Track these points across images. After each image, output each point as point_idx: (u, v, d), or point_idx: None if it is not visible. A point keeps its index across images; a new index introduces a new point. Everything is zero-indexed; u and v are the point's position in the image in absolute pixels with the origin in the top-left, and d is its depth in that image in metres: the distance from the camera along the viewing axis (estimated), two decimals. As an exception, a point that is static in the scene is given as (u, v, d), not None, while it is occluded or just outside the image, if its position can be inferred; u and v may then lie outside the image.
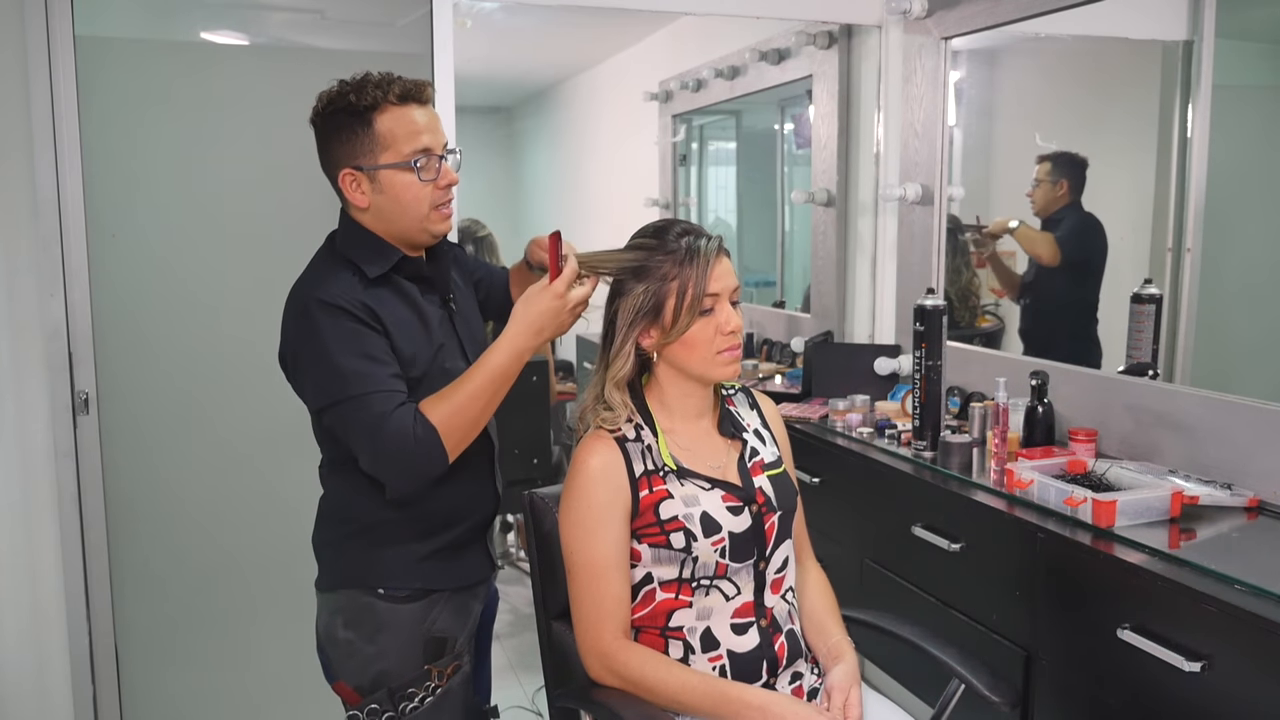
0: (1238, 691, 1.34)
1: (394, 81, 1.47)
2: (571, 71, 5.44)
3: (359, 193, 1.49)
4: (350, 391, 1.40)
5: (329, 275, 1.48)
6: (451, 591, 1.57)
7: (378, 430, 1.39)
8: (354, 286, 1.45)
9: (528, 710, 2.85)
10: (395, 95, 1.46)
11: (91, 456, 2.15)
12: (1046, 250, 2.41)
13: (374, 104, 1.46)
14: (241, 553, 2.34)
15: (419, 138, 1.48)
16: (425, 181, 1.49)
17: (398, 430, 1.38)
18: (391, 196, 1.48)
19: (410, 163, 1.47)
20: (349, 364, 1.41)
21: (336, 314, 1.42)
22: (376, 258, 1.50)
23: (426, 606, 1.54)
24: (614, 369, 1.43)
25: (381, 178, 1.48)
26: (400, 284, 1.52)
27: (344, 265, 1.49)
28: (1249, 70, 2.02)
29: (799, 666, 1.47)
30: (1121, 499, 1.64)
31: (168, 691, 2.34)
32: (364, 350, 1.42)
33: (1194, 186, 1.97)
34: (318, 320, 1.42)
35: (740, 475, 1.46)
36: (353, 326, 1.42)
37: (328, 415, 1.45)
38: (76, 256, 2.10)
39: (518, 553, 3.83)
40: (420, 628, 1.53)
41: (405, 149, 1.47)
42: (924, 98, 2.58)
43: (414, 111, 1.48)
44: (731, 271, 1.42)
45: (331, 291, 1.43)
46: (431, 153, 1.49)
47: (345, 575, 1.55)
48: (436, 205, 1.52)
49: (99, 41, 2.14)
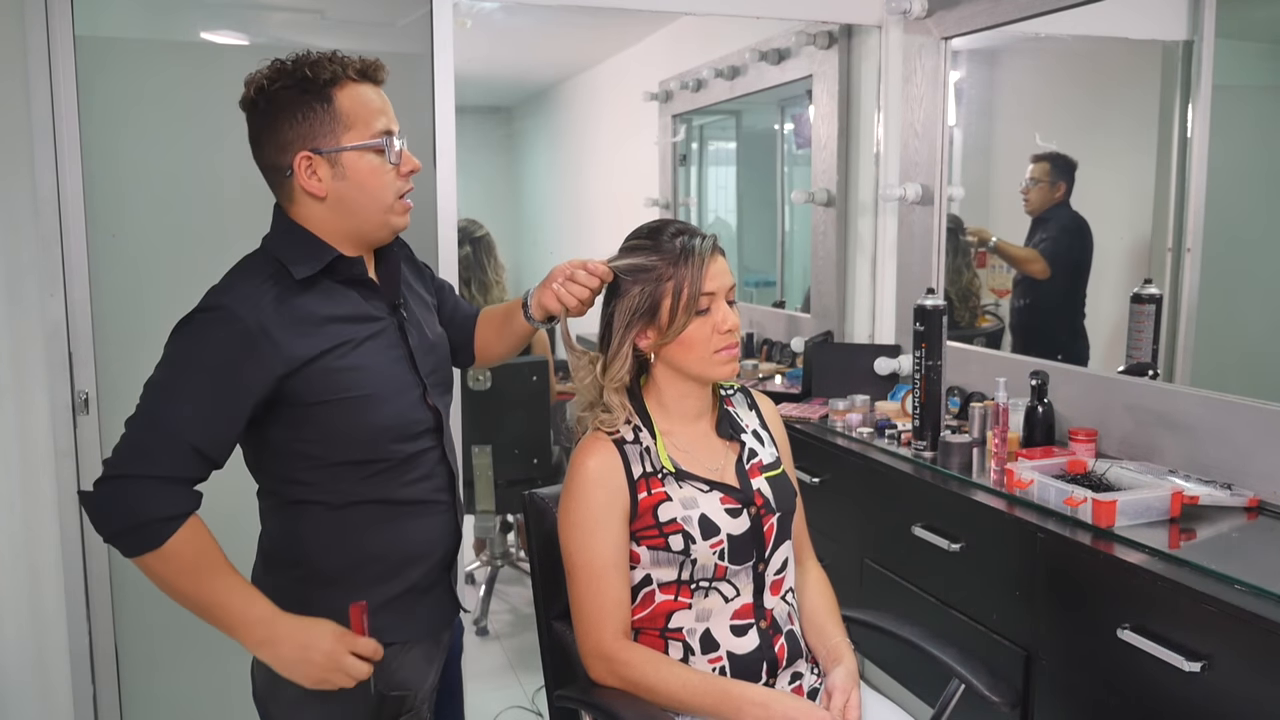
0: (1238, 691, 1.34)
1: (348, 57, 1.32)
2: (571, 71, 5.44)
3: (315, 179, 1.31)
4: (152, 410, 1.23)
5: (238, 279, 1.32)
6: (413, 641, 1.41)
7: (104, 478, 1.22)
8: (262, 293, 1.27)
9: (528, 710, 2.84)
10: (355, 71, 1.32)
11: (91, 456, 2.15)
12: (1035, 264, 2.44)
13: (333, 79, 1.29)
14: (241, 553, 2.34)
15: (381, 117, 1.32)
16: (389, 165, 1.33)
17: (108, 500, 1.23)
18: (356, 183, 1.32)
19: (379, 143, 1.31)
20: (178, 388, 1.25)
21: (217, 325, 1.25)
22: (307, 256, 1.32)
23: (384, 662, 1.34)
24: (612, 371, 1.43)
25: (345, 161, 1.30)
26: (332, 290, 1.33)
27: (264, 266, 1.32)
28: (1249, 70, 2.02)
29: (799, 667, 1.47)
30: (1121, 499, 1.64)
31: (168, 691, 2.34)
32: (211, 383, 1.24)
33: (1194, 186, 1.97)
34: (195, 320, 1.27)
35: (738, 477, 1.46)
36: (226, 351, 1.24)
37: (137, 406, 1.25)
38: (76, 256, 2.10)
39: (518, 553, 3.83)
40: (375, 687, 1.33)
41: (371, 128, 1.31)
42: (924, 98, 2.58)
43: (372, 90, 1.33)
44: (727, 270, 1.42)
45: (226, 295, 1.28)
46: (392, 135, 1.33)
47: None
48: (401, 194, 1.36)
49: (99, 41, 2.14)
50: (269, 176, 1.36)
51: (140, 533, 1.23)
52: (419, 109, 2.17)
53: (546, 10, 3.60)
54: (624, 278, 1.42)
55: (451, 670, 1.61)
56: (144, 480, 1.23)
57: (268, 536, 1.42)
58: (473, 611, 3.41)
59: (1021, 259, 2.46)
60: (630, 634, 1.42)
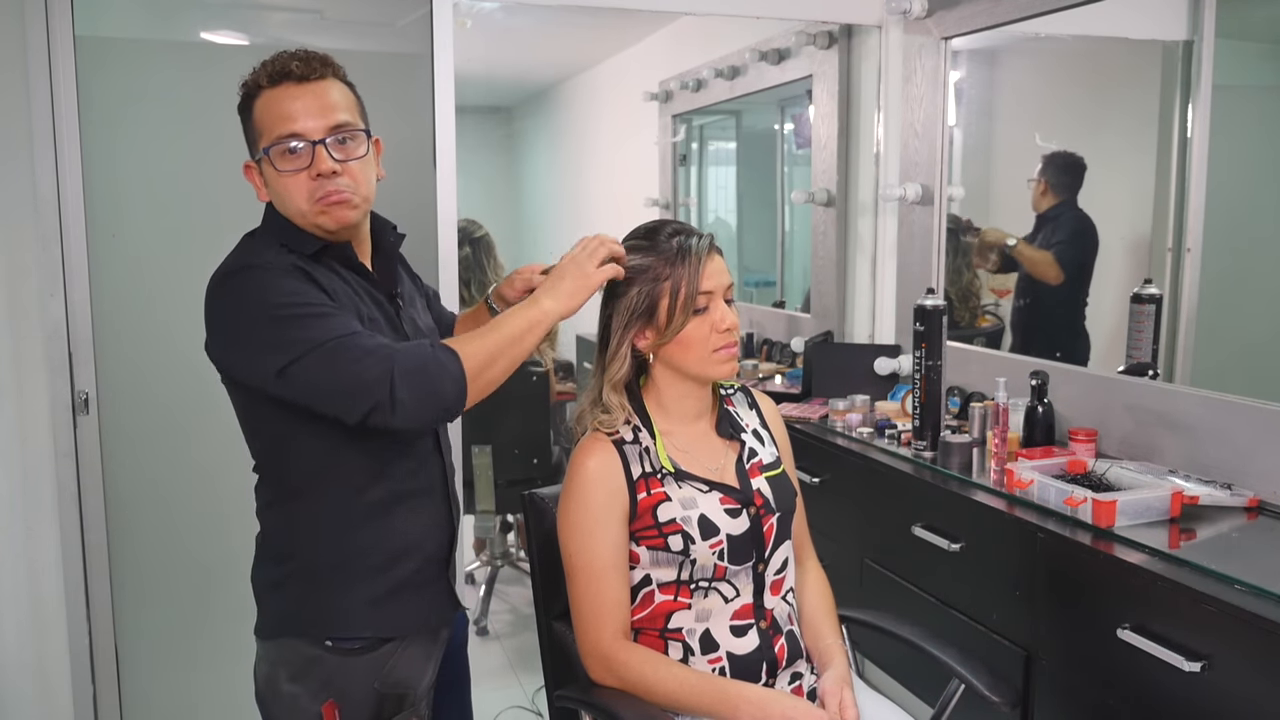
0: (1238, 691, 1.34)
1: (271, 61, 1.32)
2: (571, 71, 5.44)
3: (260, 185, 1.38)
4: (319, 337, 1.22)
5: (250, 250, 1.35)
6: (411, 637, 1.41)
7: (384, 355, 1.22)
8: (283, 255, 1.32)
9: (528, 710, 2.85)
10: (266, 77, 1.31)
11: (91, 456, 2.15)
12: (1050, 270, 2.42)
13: (251, 91, 1.33)
14: (242, 553, 2.34)
15: (283, 123, 1.30)
16: (285, 171, 1.31)
17: (413, 348, 1.24)
18: (274, 189, 1.35)
19: (264, 151, 1.32)
20: (305, 311, 1.24)
21: (265, 271, 1.27)
22: (303, 239, 1.35)
23: (381, 658, 1.37)
24: (611, 371, 1.43)
25: (264, 169, 1.34)
26: (335, 269, 1.37)
27: (271, 240, 1.35)
28: (1249, 70, 2.02)
29: (799, 667, 1.47)
30: (1121, 499, 1.64)
31: (168, 691, 2.34)
32: (316, 300, 1.26)
33: (1194, 186, 1.97)
34: (246, 287, 1.27)
35: (738, 477, 1.46)
36: (293, 282, 1.27)
37: (297, 371, 1.23)
38: (76, 256, 2.10)
39: (518, 553, 3.83)
40: (374, 683, 1.36)
41: (270, 136, 1.31)
42: (924, 98, 2.58)
43: (284, 92, 1.31)
44: (724, 269, 1.42)
45: (257, 259, 1.30)
46: (301, 137, 1.30)
47: (289, 622, 1.38)
48: (318, 197, 1.32)
49: (99, 41, 2.14)
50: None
51: (454, 380, 1.25)
52: (419, 109, 2.16)
53: (546, 10, 3.60)
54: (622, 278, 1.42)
55: (457, 662, 1.62)
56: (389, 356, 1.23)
57: (263, 536, 1.44)
58: (473, 610, 3.41)
59: (1038, 263, 2.44)
60: (630, 634, 1.42)
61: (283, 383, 1.24)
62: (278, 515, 1.40)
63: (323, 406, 1.25)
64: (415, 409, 1.23)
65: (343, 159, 1.33)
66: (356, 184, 1.35)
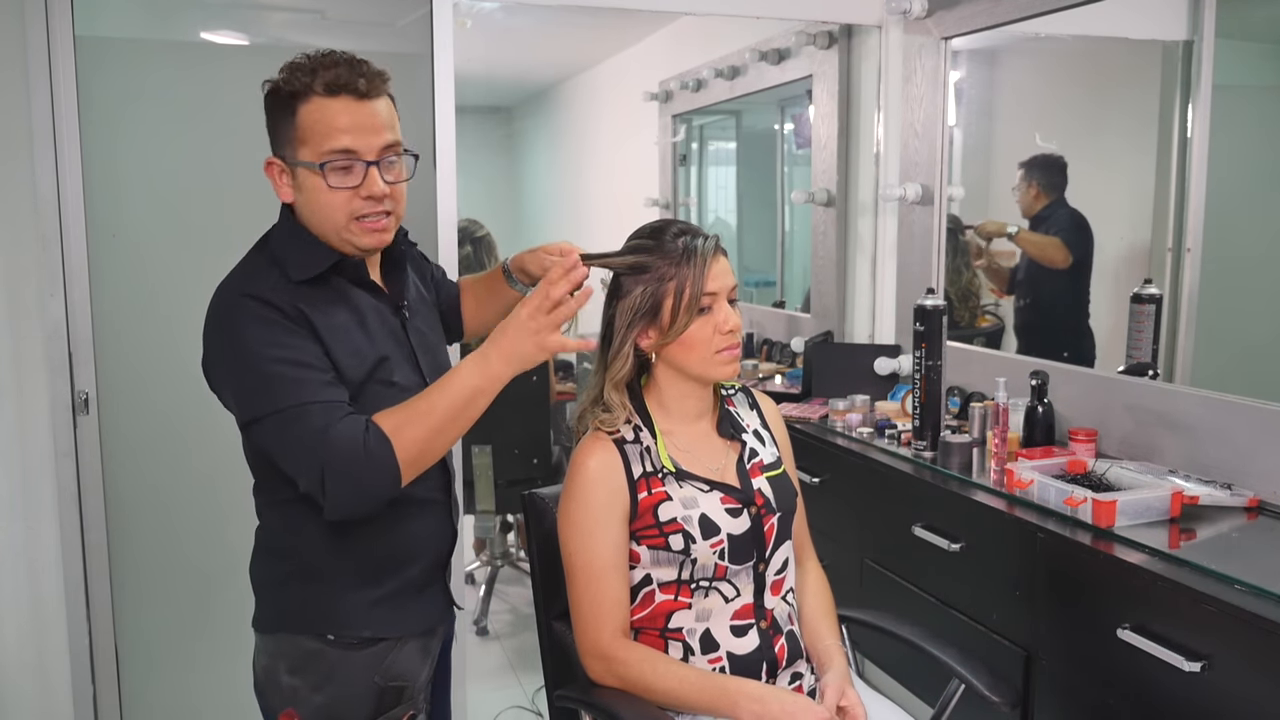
0: (1238, 691, 1.34)
1: (328, 67, 1.28)
2: (571, 71, 5.44)
3: (285, 184, 1.33)
4: (282, 402, 1.23)
5: (254, 272, 1.32)
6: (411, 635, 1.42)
7: (319, 443, 1.21)
8: (282, 283, 1.29)
9: (528, 710, 2.85)
10: (322, 85, 1.27)
11: (91, 456, 2.15)
12: (1058, 253, 2.41)
13: (299, 91, 1.28)
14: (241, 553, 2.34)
15: (337, 137, 1.28)
16: (335, 188, 1.29)
17: (346, 440, 1.21)
18: (307, 198, 1.32)
19: (317, 165, 1.28)
20: (279, 370, 1.24)
21: (262, 313, 1.26)
22: (307, 260, 1.32)
23: (381, 652, 1.38)
24: (613, 370, 1.43)
25: (298, 175, 1.31)
26: (340, 285, 1.35)
27: (272, 263, 1.33)
28: (1249, 70, 2.02)
29: (799, 667, 1.47)
30: (1121, 499, 1.64)
31: (168, 691, 2.34)
32: (295, 356, 1.25)
33: (1194, 186, 1.97)
34: (239, 321, 1.26)
35: (739, 477, 1.46)
36: (284, 326, 1.26)
37: (256, 431, 1.27)
38: (76, 256, 2.10)
39: (518, 553, 3.83)
40: (374, 676, 1.37)
41: (320, 148, 1.28)
42: (924, 98, 2.58)
43: (341, 105, 1.28)
44: (729, 270, 1.42)
45: (256, 287, 1.28)
46: (355, 155, 1.29)
47: (290, 618, 1.38)
48: (358, 217, 1.31)
49: (99, 41, 2.14)
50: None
51: (384, 474, 1.24)
52: (419, 109, 2.17)
53: (546, 10, 3.60)
54: (626, 276, 1.42)
55: (443, 659, 1.61)
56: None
57: (263, 530, 1.44)
58: (473, 610, 3.41)
59: (1044, 247, 2.43)
60: (629, 634, 1.42)
61: (247, 434, 1.31)
62: (279, 514, 1.40)
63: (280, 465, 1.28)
64: (345, 503, 1.24)
65: (392, 181, 1.33)
66: (398, 206, 1.36)
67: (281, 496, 1.36)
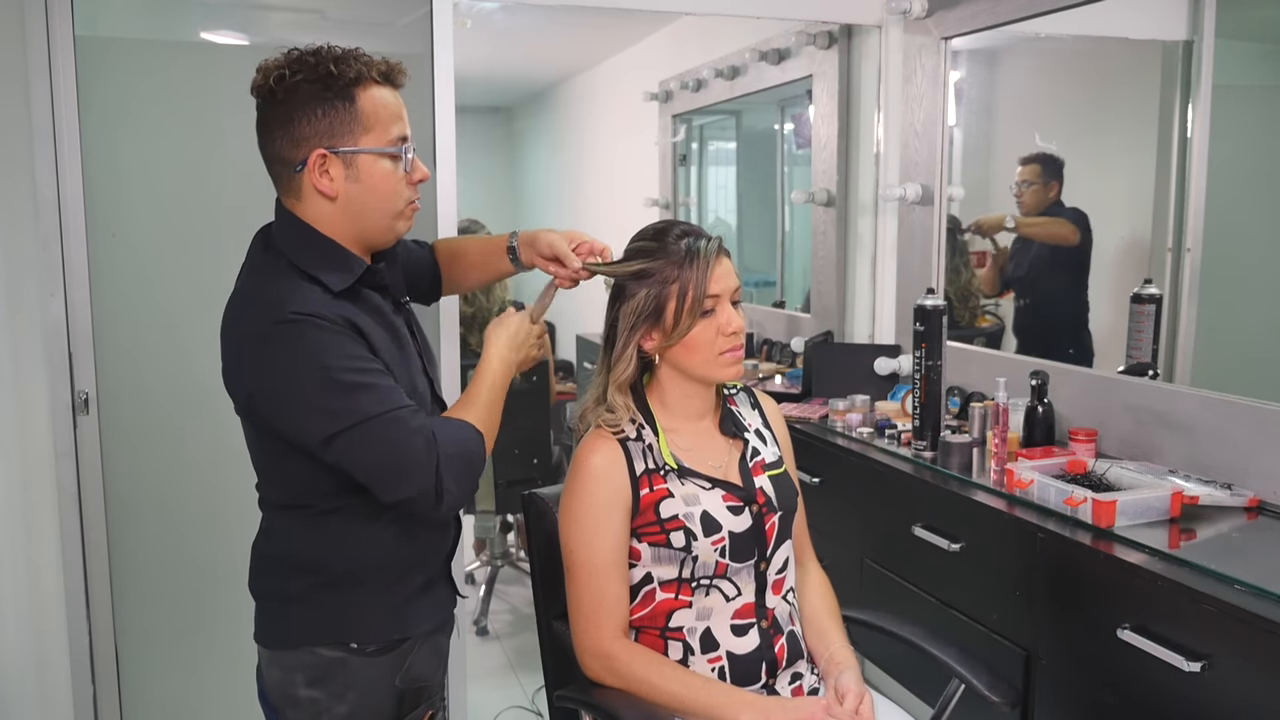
0: (1238, 691, 1.34)
1: (373, 58, 1.31)
2: (571, 71, 5.43)
3: (327, 178, 1.29)
4: (371, 410, 1.22)
5: (290, 290, 1.26)
6: (426, 634, 1.42)
7: (429, 443, 1.24)
8: (324, 299, 1.27)
9: (528, 710, 2.85)
10: (378, 72, 1.30)
11: (91, 456, 2.15)
12: (1065, 229, 2.38)
13: (358, 78, 1.27)
14: (242, 553, 2.34)
15: (400, 124, 1.32)
16: (406, 174, 1.33)
17: (456, 436, 1.28)
18: (369, 186, 1.30)
19: (398, 149, 1.31)
20: (357, 379, 1.23)
21: (322, 327, 1.23)
22: (339, 269, 1.30)
23: (400, 656, 1.38)
24: (616, 372, 1.43)
25: (360, 163, 1.29)
26: (367, 296, 1.34)
27: (300, 277, 1.28)
28: (1249, 70, 2.02)
29: (799, 667, 1.47)
30: (1121, 499, 1.64)
31: (168, 692, 2.34)
32: (367, 365, 1.25)
33: (1194, 186, 1.97)
34: (301, 340, 1.22)
35: (741, 475, 1.46)
36: (347, 337, 1.25)
37: (341, 443, 1.23)
38: (76, 256, 2.10)
39: (518, 553, 3.83)
40: (395, 680, 1.38)
41: (390, 133, 1.30)
42: (924, 98, 2.58)
43: (391, 93, 1.32)
44: (732, 272, 1.42)
45: (304, 304, 1.24)
46: (407, 142, 1.33)
47: (312, 630, 1.35)
48: (408, 200, 1.35)
49: (99, 41, 2.14)
50: (275, 169, 1.32)
51: (483, 458, 1.33)
52: (419, 109, 2.17)
53: (546, 10, 3.60)
54: (629, 280, 1.42)
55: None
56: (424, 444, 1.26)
57: (276, 543, 1.41)
58: (473, 610, 3.41)
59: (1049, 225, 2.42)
60: (628, 633, 1.43)
61: (327, 449, 1.24)
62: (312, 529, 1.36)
63: (362, 479, 1.26)
64: (458, 497, 1.28)
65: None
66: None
67: (318, 510, 1.34)
